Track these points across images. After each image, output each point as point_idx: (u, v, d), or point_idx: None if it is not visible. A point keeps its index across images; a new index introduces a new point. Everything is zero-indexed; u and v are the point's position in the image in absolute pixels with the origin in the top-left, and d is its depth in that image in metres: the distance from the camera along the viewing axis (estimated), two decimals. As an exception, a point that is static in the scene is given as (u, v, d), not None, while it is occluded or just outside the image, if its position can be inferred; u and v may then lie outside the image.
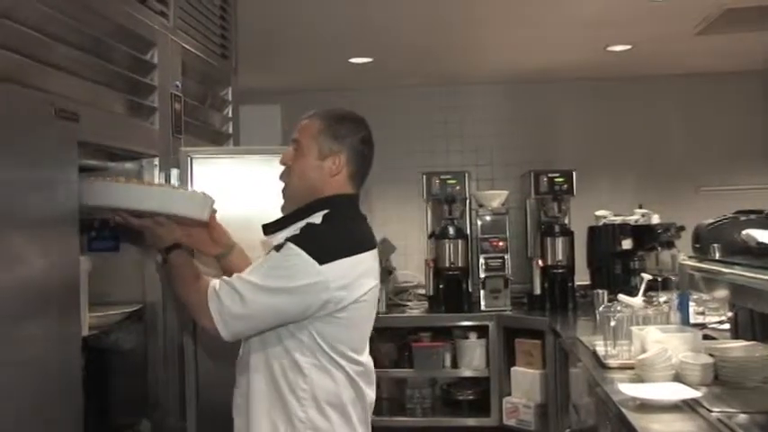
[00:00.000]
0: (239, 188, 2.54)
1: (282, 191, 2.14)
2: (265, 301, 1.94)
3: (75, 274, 1.89)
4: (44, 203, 1.77)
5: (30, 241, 1.71)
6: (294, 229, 2.05)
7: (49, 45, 1.86)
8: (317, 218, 2.05)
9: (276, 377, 2.00)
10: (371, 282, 2.08)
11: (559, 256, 5.31)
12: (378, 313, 2.22)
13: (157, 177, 2.46)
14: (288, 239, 1.98)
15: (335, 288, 1.96)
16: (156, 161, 2.45)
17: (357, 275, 2.02)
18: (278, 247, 1.98)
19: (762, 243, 2.53)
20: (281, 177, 2.14)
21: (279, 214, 2.13)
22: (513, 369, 5.19)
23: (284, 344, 2.00)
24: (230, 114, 3.24)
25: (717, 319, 3.70)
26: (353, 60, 5.23)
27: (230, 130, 3.21)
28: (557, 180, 5.39)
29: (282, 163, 2.13)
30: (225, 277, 2.03)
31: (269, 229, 2.12)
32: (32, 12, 1.79)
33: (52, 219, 1.80)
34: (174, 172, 2.52)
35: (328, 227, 2.03)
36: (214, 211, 2.20)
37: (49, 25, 1.86)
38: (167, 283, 2.24)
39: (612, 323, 3.16)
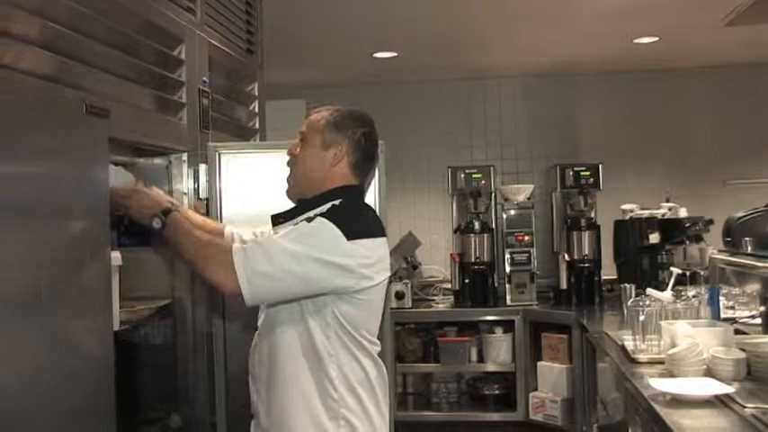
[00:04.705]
0: (266, 182, 2.56)
1: (287, 178, 2.24)
2: (292, 264, 1.95)
3: (107, 269, 1.91)
4: (75, 199, 1.79)
5: (61, 237, 1.72)
6: (305, 218, 2.10)
7: (80, 42, 1.87)
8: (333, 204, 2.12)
9: (306, 360, 2.04)
10: (387, 269, 2.17)
11: (585, 251, 5.28)
12: (404, 308, 2.27)
13: (185, 173, 2.48)
14: (317, 215, 2.04)
15: (359, 266, 2.02)
16: (185, 156, 2.47)
17: (378, 258, 2.09)
18: (308, 220, 2.05)
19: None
20: (288, 165, 2.24)
21: None
22: (539, 363, 5.18)
23: (309, 324, 2.03)
24: (256, 109, 3.25)
25: (747, 313, 3.65)
26: (378, 55, 5.23)
27: (257, 126, 3.23)
28: (583, 174, 5.37)
29: (288, 153, 2.23)
30: (252, 237, 2.09)
31: (279, 219, 2.19)
32: (63, 9, 1.80)
33: (83, 214, 1.82)
34: (203, 167, 2.54)
35: (350, 209, 2.11)
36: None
37: (80, 22, 1.87)
38: (173, 251, 2.18)
39: (641, 317, 3.12)
